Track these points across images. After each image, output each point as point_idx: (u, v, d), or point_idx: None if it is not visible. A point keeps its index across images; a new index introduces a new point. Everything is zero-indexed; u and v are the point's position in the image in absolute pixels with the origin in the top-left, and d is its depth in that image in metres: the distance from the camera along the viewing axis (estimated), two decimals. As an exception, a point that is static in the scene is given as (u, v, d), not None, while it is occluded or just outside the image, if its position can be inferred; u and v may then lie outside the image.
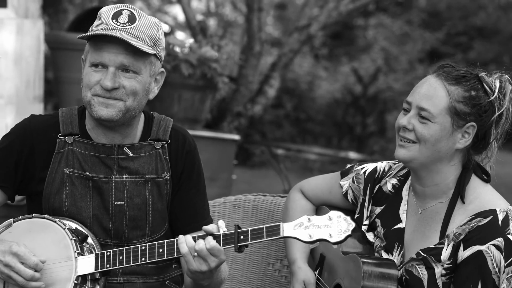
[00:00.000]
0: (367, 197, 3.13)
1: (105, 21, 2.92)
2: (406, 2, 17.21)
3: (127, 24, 2.91)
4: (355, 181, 3.17)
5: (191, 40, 8.15)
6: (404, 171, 3.10)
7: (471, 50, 17.12)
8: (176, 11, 16.14)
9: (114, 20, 2.91)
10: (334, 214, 2.68)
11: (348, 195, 3.18)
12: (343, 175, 3.21)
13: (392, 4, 16.74)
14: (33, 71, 6.81)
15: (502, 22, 17.58)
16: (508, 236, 2.82)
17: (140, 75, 2.93)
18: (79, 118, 3.05)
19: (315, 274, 3.20)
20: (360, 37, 17.34)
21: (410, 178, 3.06)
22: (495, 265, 2.80)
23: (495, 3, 17.60)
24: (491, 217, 2.84)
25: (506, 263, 2.80)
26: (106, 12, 2.94)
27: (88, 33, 2.92)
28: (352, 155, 11.50)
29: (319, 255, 3.23)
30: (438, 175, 2.95)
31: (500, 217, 2.84)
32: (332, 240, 2.67)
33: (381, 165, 3.17)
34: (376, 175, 3.14)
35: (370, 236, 3.10)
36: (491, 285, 2.80)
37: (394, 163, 3.16)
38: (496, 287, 2.81)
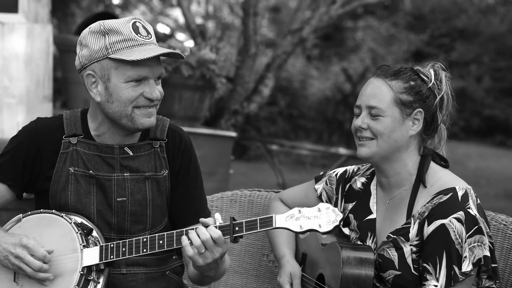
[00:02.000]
0: (340, 195, 3.19)
1: (132, 37, 2.85)
2: (393, 6, 17.21)
3: (149, 36, 2.88)
4: (328, 183, 3.23)
5: (191, 44, 8.14)
6: (370, 171, 3.17)
7: (453, 51, 17.13)
8: (177, 14, 16.10)
9: (139, 34, 2.86)
10: (323, 206, 2.68)
11: (323, 197, 3.23)
12: (317, 180, 3.28)
13: (379, 8, 16.73)
14: (42, 72, 6.79)
15: (482, 25, 17.59)
16: (468, 210, 2.87)
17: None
18: (82, 120, 3.02)
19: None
20: (349, 39, 17.33)
21: (376, 175, 3.12)
22: (457, 236, 2.85)
23: (476, 6, 17.60)
24: (451, 194, 2.90)
25: (468, 234, 2.85)
26: (123, 26, 2.85)
27: (139, 57, 2.79)
28: (342, 150, 11.47)
29: (301, 255, 3.24)
30: (398, 163, 3.00)
31: (460, 193, 2.90)
32: (322, 230, 2.66)
33: (350, 167, 3.25)
34: (347, 176, 3.21)
35: (346, 230, 3.14)
36: (455, 254, 2.85)
37: (362, 165, 3.23)
38: (459, 256, 2.85)
